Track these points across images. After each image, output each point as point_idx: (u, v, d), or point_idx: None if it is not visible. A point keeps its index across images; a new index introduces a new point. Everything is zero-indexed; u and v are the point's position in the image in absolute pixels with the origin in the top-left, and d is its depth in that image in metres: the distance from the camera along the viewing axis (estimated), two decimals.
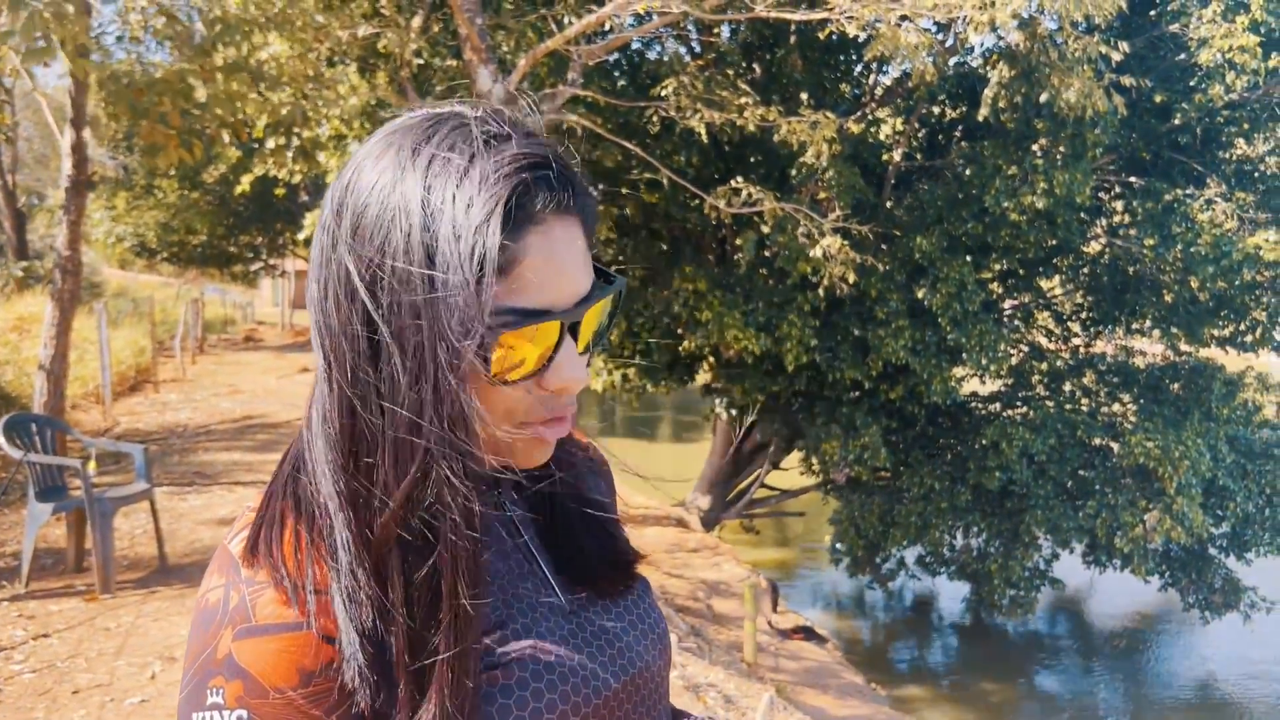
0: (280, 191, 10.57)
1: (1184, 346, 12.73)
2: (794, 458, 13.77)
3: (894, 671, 12.65)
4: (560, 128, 7.66)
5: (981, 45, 11.19)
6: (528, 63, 7.19)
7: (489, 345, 0.77)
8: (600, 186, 10.17)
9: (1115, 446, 11.78)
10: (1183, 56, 10.63)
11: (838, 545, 12.89)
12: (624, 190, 10.54)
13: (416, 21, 8.83)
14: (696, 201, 9.99)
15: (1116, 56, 8.60)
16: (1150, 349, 13.57)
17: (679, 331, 11.20)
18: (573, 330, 0.82)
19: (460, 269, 0.75)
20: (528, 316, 0.78)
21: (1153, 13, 11.31)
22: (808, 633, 11.02)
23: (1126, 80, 9.12)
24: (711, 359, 12.25)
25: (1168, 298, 11.87)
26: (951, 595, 14.62)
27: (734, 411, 12.95)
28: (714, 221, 10.82)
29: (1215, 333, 12.63)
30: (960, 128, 12.27)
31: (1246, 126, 11.38)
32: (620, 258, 11.64)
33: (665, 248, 12.01)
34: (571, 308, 0.81)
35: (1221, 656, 13.18)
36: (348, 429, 0.81)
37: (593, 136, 8.70)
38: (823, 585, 16.01)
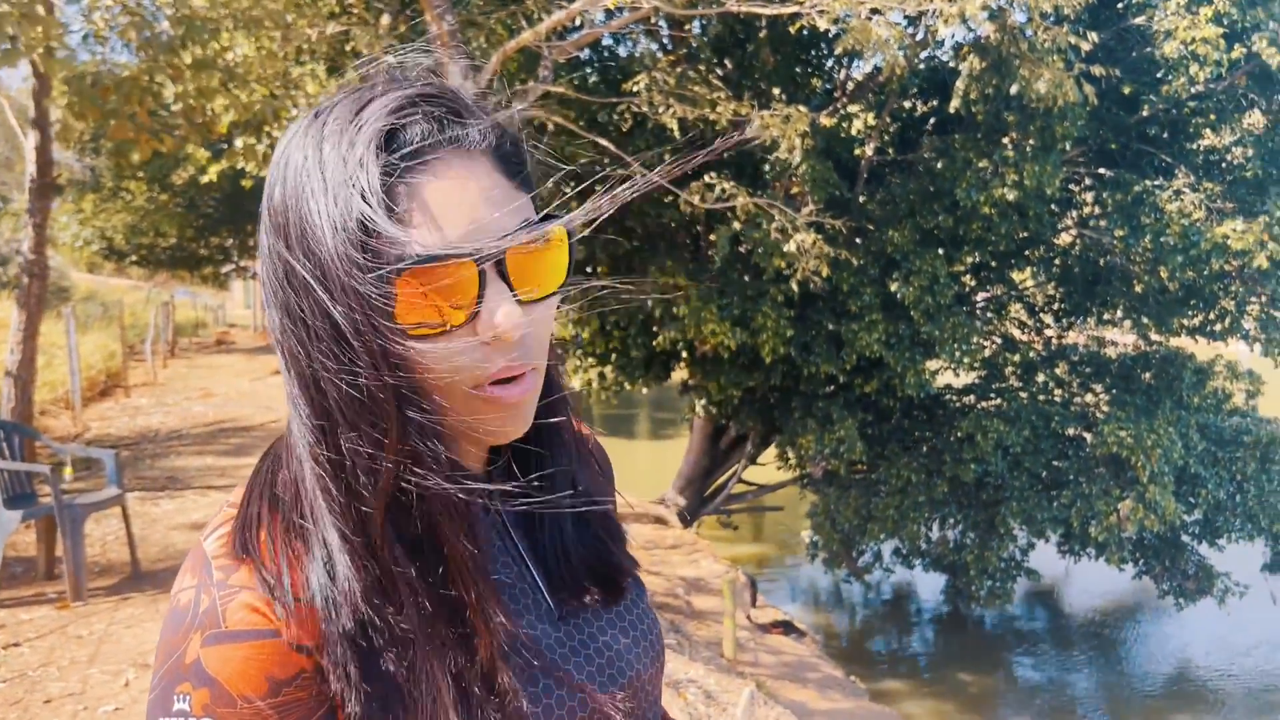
0: (248, 184, 10.49)
1: (1154, 336, 12.87)
2: (771, 453, 13.81)
3: (873, 664, 12.71)
4: (532, 124, 7.64)
5: (952, 38, 11.24)
6: (499, 59, 7.15)
7: (391, 296, 0.74)
8: (571, 185, 10.15)
9: (1088, 436, 11.89)
10: (1149, 49, 10.73)
11: (814, 539, 12.93)
12: (597, 188, 10.52)
13: (385, 20, 8.77)
14: (670, 198, 9.99)
15: (1086, 46, 8.67)
16: (1121, 339, 13.70)
17: (654, 328, 11.19)
18: (503, 273, 0.78)
19: (346, 219, 0.74)
20: (427, 259, 0.75)
21: (1120, 5, 11.40)
22: (787, 627, 11.06)
23: (1096, 70, 9.20)
24: (687, 355, 12.24)
25: (1138, 288, 11.98)
26: (929, 587, 14.71)
27: (713, 409, 12.96)
28: (687, 218, 10.81)
29: (1185, 322, 12.78)
30: (931, 121, 12.33)
31: (1213, 117, 11.50)
32: (592, 255, 11.61)
33: (638, 244, 11.99)
34: (484, 246, 0.77)
35: (1198, 642, 13.33)
36: (311, 409, 0.79)
37: (565, 133, 8.68)
38: (801, 580, 16.07)
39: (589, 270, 11.29)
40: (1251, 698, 11.98)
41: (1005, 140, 10.27)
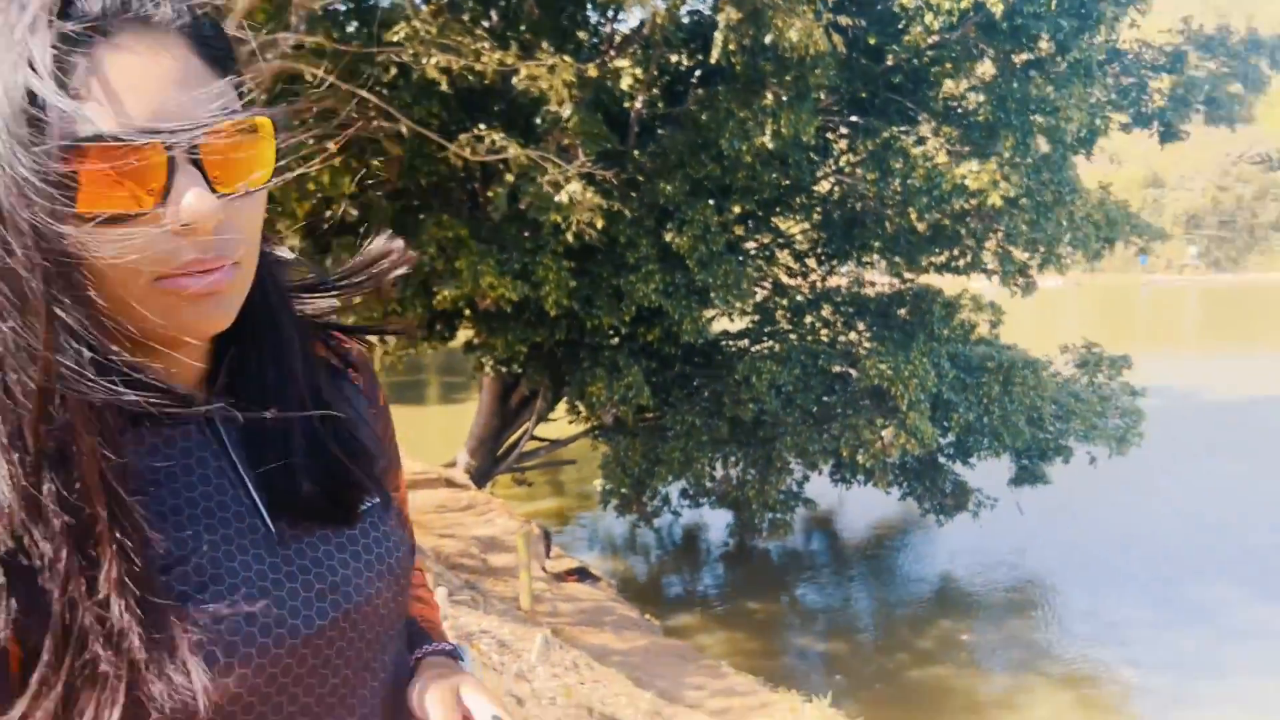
0: None
1: (907, 275, 13.80)
2: (562, 408, 13.94)
3: (667, 602, 13.18)
4: (285, 77, 7.28)
5: None
6: (245, 6, 6.77)
7: (60, 175, 0.70)
8: (335, 137, 9.74)
9: (853, 372, 12.67)
10: (890, 1, 11.37)
11: (606, 486, 13.19)
12: (364, 142, 10.17)
13: None
14: (444, 153, 9.80)
15: None
16: (879, 279, 14.61)
17: (432, 287, 10.98)
18: (197, 160, 0.75)
19: (11, 89, 0.70)
20: (101, 137, 0.71)
21: None
22: (582, 574, 11.27)
23: (844, 20, 9.68)
24: (470, 313, 12.11)
25: (890, 230, 12.79)
26: (717, 525, 15.33)
27: (500, 367, 12.89)
28: (463, 173, 10.65)
29: (933, 260, 13.76)
30: (697, 74, 12.63)
31: (949, 66, 12.33)
32: (365, 216, 11.24)
33: (413, 201, 11.72)
34: (175, 127, 0.73)
35: (958, 554, 14.56)
36: None
37: (324, 84, 8.32)
38: (598, 530, 16.39)
39: (361, 231, 10.93)
40: (1004, 598, 13.25)
41: (764, 91, 10.66)
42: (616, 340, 12.32)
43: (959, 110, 13.02)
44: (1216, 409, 22.87)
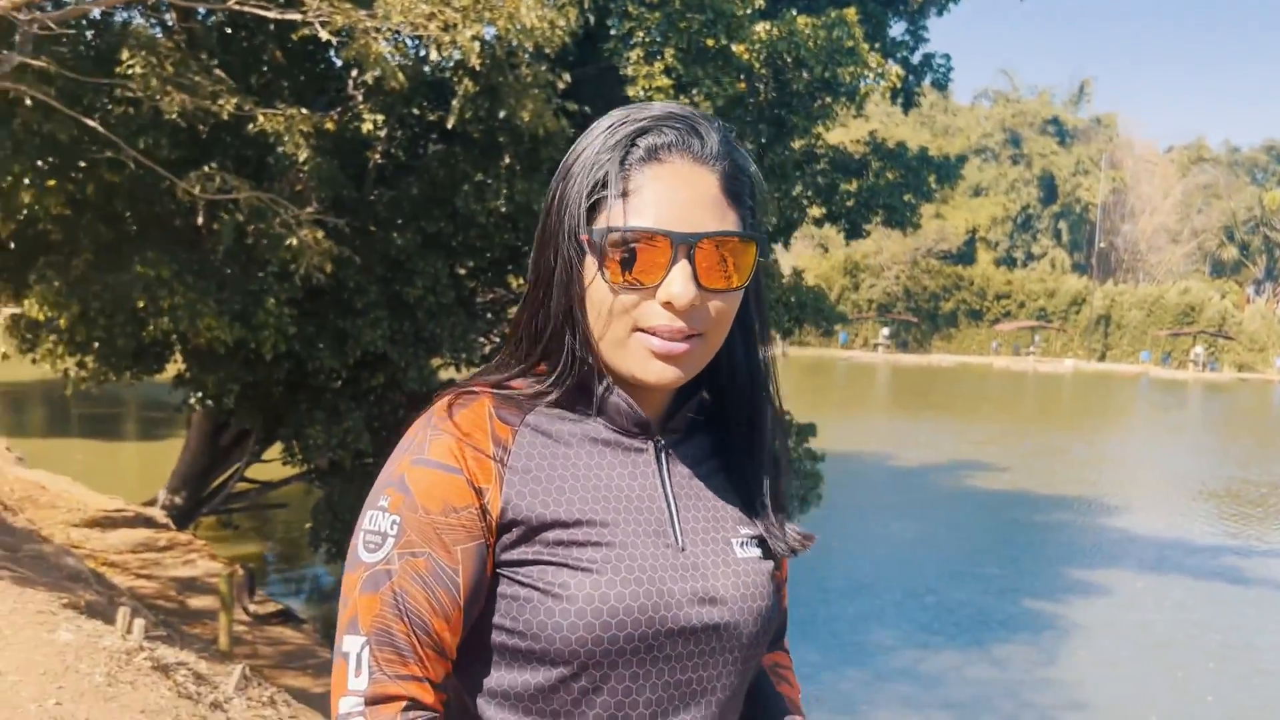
0: None
1: None
2: (276, 449, 13.62)
3: None
4: (7, 97, 7.05)
5: (450, 58, 12.01)
6: None
7: (602, 247, 1.03)
8: (51, 160, 9.30)
9: None
10: (621, 89, 12.30)
11: (316, 530, 13.04)
12: (81, 166, 9.75)
13: None
14: (166, 184, 9.58)
15: (561, 85, 9.84)
16: None
17: (142, 318, 10.53)
18: (691, 258, 1.02)
19: (582, 186, 1.05)
20: (634, 228, 1.02)
21: (604, 46, 12.91)
22: (286, 616, 11.13)
23: (572, 105, 10.46)
24: (181, 348, 11.66)
25: None
26: None
27: (209, 403, 12.45)
28: (187, 207, 10.40)
29: None
30: (436, 131, 12.98)
31: None
32: (74, 238, 10.66)
33: (129, 230, 11.23)
34: (682, 233, 1.02)
35: None
36: (530, 296, 1.13)
37: (45, 108, 8.06)
38: (306, 574, 16.04)
39: (67, 253, 10.41)
40: None
41: (500, 157, 11.20)
42: (339, 384, 12.29)
43: None
44: (895, 473, 25.52)
